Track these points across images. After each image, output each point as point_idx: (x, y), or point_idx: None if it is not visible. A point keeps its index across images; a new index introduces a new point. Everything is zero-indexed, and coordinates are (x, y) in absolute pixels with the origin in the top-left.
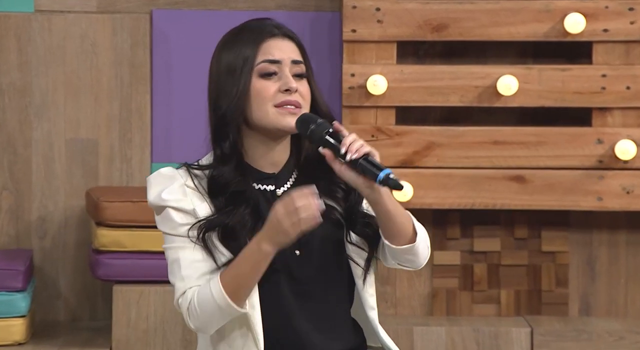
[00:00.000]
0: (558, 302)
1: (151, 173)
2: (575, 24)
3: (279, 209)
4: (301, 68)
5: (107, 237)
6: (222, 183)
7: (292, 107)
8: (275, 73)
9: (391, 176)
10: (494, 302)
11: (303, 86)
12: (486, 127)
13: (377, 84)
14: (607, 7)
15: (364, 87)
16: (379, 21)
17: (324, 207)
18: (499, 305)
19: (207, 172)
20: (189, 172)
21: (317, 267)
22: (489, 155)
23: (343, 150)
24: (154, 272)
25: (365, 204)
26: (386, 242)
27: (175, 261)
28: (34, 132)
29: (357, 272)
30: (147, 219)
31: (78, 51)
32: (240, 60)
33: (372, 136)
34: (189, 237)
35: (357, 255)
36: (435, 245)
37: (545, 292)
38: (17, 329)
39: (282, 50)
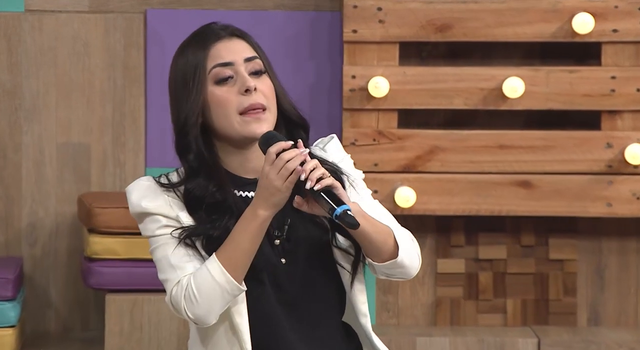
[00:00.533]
0: (566, 311)
1: None
2: (583, 24)
3: (264, 166)
4: (257, 64)
5: (99, 245)
6: (198, 196)
7: (258, 110)
8: (231, 77)
9: (349, 213)
10: (499, 312)
11: (263, 83)
12: (491, 131)
13: (379, 86)
14: (616, 6)
15: (365, 89)
16: (380, 21)
17: (308, 150)
18: (505, 315)
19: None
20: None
21: (303, 274)
22: (494, 160)
23: (303, 177)
24: (148, 280)
25: (351, 197)
26: (368, 259)
27: (164, 257)
28: (24, 136)
29: (346, 277)
30: None
31: (70, 52)
32: (191, 69)
33: (374, 140)
34: (174, 237)
35: (344, 260)
36: (439, 252)
37: (553, 301)
38: (6, 339)
39: (232, 50)
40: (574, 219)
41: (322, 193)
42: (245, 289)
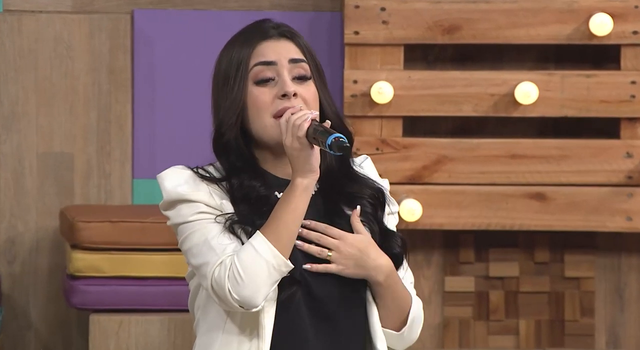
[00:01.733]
0: (583, 333)
1: (133, 190)
2: (601, 25)
3: (283, 140)
4: (303, 68)
5: (83, 261)
6: (244, 191)
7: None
8: (272, 79)
9: (341, 139)
10: (512, 333)
11: (306, 89)
12: (503, 140)
13: (382, 92)
14: (636, 6)
15: (367, 95)
16: (384, 22)
17: (316, 112)
18: (518, 336)
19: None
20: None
21: (335, 284)
22: (506, 171)
23: (308, 121)
24: (135, 300)
25: (386, 215)
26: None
27: (202, 241)
28: (2, 145)
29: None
30: (128, 241)
31: (51, 55)
32: (234, 66)
33: (377, 149)
34: (216, 221)
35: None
36: (447, 270)
37: (569, 322)
38: None
39: (278, 51)
40: (591, 234)
41: (315, 130)
42: (292, 266)
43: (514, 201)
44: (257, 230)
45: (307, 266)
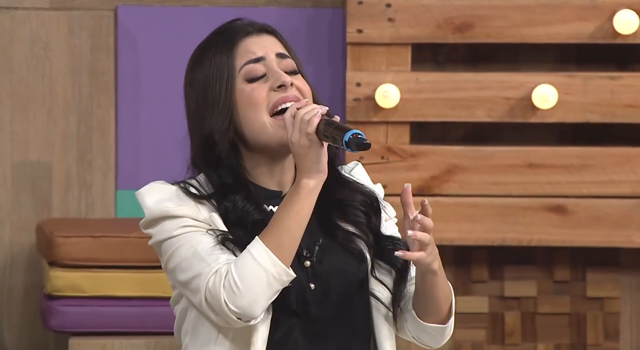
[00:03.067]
0: None
1: (116, 202)
2: (626, 22)
3: (289, 138)
4: (290, 63)
5: (61, 280)
6: (239, 215)
7: (291, 104)
8: (264, 75)
9: (359, 136)
10: None
11: (300, 81)
12: (519, 147)
13: (388, 95)
14: None
15: (372, 98)
16: (390, 19)
17: (326, 107)
18: None
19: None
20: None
21: (334, 304)
22: (522, 181)
23: (318, 116)
24: (118, 321)
25: (384, 222)
26: (414, 314)
27: (191, 254)
28: None
29: (379, 312)
30: (110, 257)
31: (27, 56)
32: (217, 71)
33: (382, 158)
34: (207, 233)
35: (381, 293)
36: (459, 289)
37: (592, 346)
38: None
39: (263, 45)
40: (615, 250)
41: (327, 126)
42: (295, 275)
43: (532, 214)
44: (257, 237)
45: (399, 253)
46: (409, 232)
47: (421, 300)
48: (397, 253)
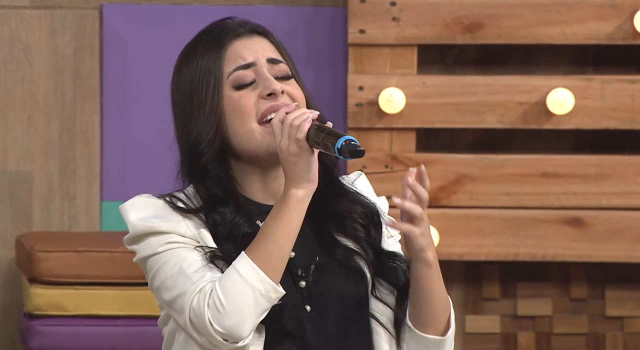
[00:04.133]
0: None
1: (101, 214)
2: None
3: (277, 144)
4: (283, 68)
5: (43, 298)
6: (229, 228)
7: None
8: (253, 81)
9: (352, 142)
10: None
11: (292, 87)
12: (533, 156)
13: (393, 100)
14: None
15: (375, 103)
16: (394, 19)
17: (317, 112)
18: None
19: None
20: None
21: (332, 327)
22: (536, 192)
23: (309, 121)
24: (104, 342)
25: (385, 238)
26: (409, 323)
27: (178, 271)
28: None
29: (380, 337)
30: (95, 273)
31: (6, 58)
32: (203, 76)
33: (386, 167)
34: (195, 249)
35: (382, 315)
36: (468, 307)
37: None
38: None
39: (253, 49)
40: (636, 266)
41: (318, 131)
42: (284, 292)
43: (546, 227)
44: (243, 252)
45: (389, 223)
46: (395, 199)
47: (416, 303)
48: (386, 223)
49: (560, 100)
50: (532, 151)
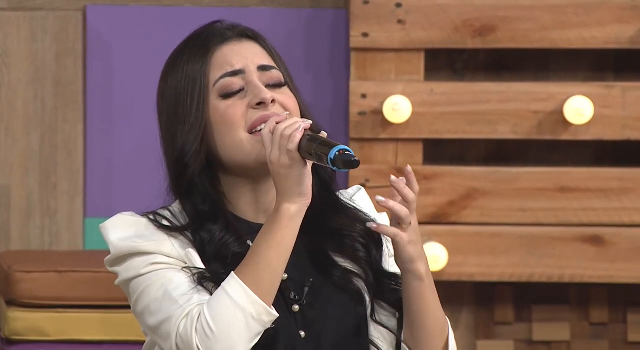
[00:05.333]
0: None
1: (84, 232)
2: None
3: (267, 156)
4: (275, 75)
5: (22, 322)
6: (217, 248)
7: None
8: (242, 89)
9: (347, 152)
10: None
11: (285, 95)
12: (549, 169)
13: (398, 109)
14: None
15: (379, 112)
16: (400, 21)
17: (310, 121)
18: None
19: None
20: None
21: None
22: (553, 208)
23: (301, 130)
24: None
25: (386, 258)
26: (405, 346)
27: (163, 294)
28: None
29: None
30: (77, 295)
31: None
32: (188, 82)
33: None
34: (182, 270)
35: (383, 341)
36: (480, 332)
37: None
38: None
39: (242, 55)
40: None
41: (310, 142)
42: (277, 315)
43: (564, 246)
44: (232, 272)
45: (372, 225)
46: (378, 197)
47: (409, 322)
48: (368, 224)
49: (579, 109)
50: (549, 164)
